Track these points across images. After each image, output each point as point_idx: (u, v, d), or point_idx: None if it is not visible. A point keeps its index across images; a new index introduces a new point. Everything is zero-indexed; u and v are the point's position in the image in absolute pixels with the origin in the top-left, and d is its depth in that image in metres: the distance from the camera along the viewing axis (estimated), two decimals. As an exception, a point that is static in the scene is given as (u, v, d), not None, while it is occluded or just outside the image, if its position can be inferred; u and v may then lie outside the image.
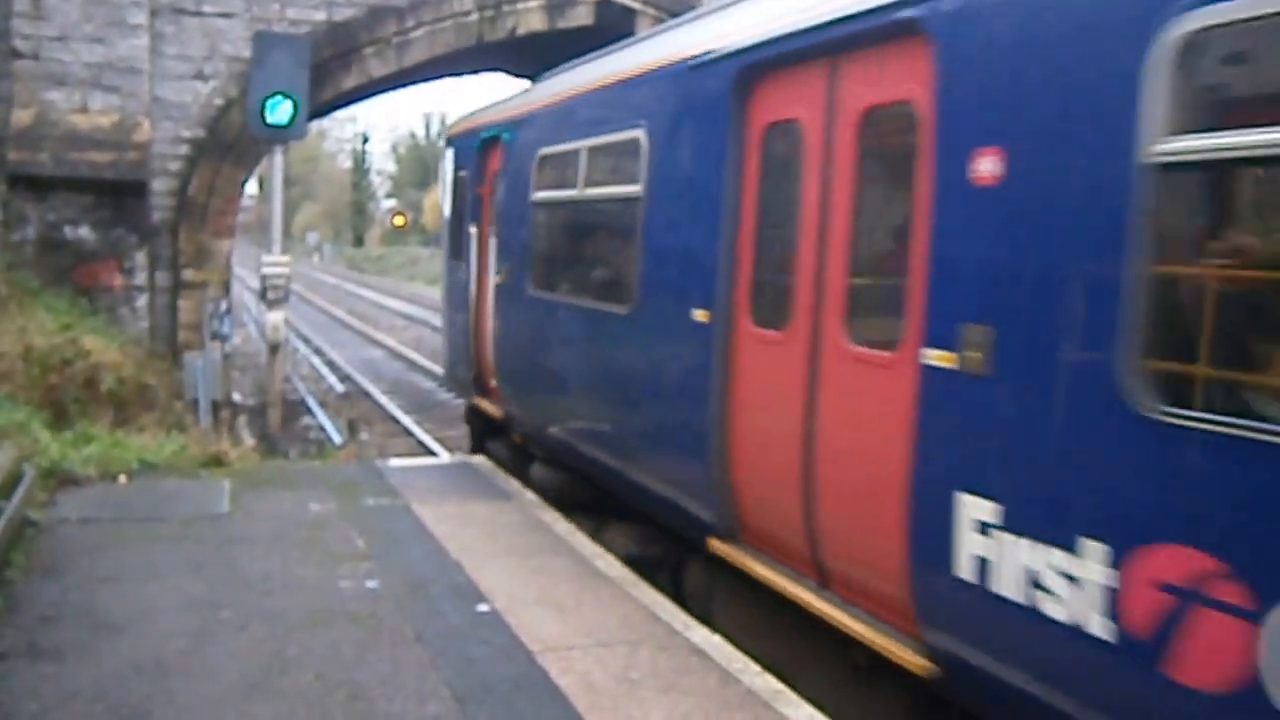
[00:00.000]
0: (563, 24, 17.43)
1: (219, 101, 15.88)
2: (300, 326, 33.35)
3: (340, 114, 37.30)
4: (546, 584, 6.75)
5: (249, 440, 14.41)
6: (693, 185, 6.61)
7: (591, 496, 8.65)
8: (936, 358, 4.44)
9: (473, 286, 11.19)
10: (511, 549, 7.53)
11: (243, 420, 16.18)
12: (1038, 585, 3.96)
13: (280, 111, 12.89)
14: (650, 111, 7.12)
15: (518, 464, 10.35)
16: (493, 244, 10.53)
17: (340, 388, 17.77)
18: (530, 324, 9.44)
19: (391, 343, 30.26)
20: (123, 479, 9.12)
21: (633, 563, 7.50)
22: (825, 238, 5.38)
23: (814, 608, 5.42)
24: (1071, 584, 3.82)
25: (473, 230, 11.28)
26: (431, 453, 15.36)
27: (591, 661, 5.53)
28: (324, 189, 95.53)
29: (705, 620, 6.44)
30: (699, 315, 6.33)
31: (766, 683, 5.40)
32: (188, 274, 15.82)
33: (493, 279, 10.51)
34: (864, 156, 5.23)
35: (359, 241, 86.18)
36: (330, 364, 26.24)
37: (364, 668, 5.35)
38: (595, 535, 8.22)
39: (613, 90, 7.90)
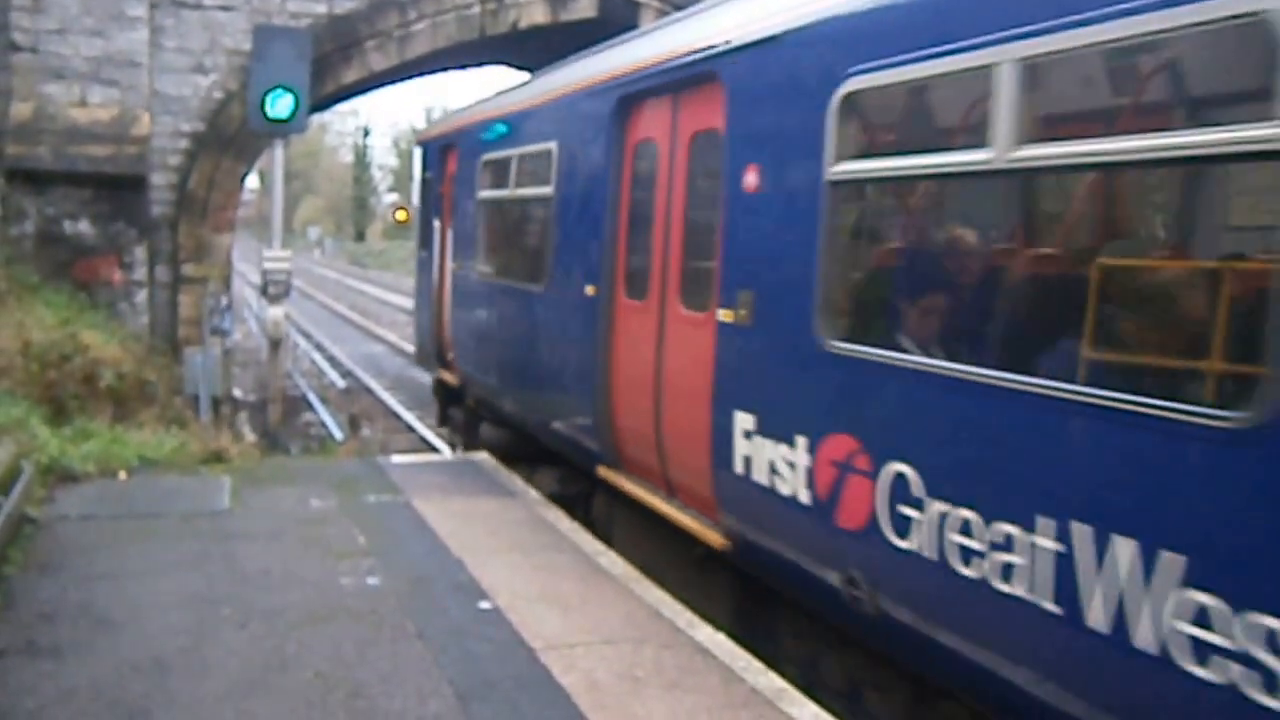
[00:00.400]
0: (565, 16, 17.37)
1: (219, 95, 15.85)
2: (301, 322, 33.40)
3: (342, 107, 37.37)
4: (549, 581, 6.72)
5: (250, 436, 14.41)
6: (586, 189, 8.38)
7: (527, 448, 10.39)
8: (724, 315, 6.19)
9: (435, 273, 13.06)
10: (514, 546, 7.50)
11: (243, 416, 16.19)
12: (774, 472, 5.68)
13: (281, 105, 12.85)
14: (559, 128, 8.91)
15: (471, 426, 12.53)
16: (450, 236, 12.46)
17: (341, 383, 17.75)
18: (477, 303, 11.34)
19: (393, 338, 30.29)
20: (122, 475, 9.10)
21: (555, 499, 9.31)
22: (669, 231, 7.15)
23: (663, 511, 7.18)
24: (791, 469, 5.53)
25: (436, 224, 13.15)
26: (433, 449, 15.35)
27: (595, 659, 5.50)
28: (325, 183, 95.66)
29: (606, 539, 8.13)
30: (589, 290, 8.05)
31: (770, 681, 5.38)
32: (188, 269, 15.79)
33: (450, 266, 12.41)
34: (692, 170, 6.97)
35: (360, 236, 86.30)
36: (331, 359, 26.26)
37: (365, 665, 5.33)
38: (529, 479, 9.94)
39: (536, 109, 9.65)
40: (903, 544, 4.67)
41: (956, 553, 4.35)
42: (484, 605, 6.25)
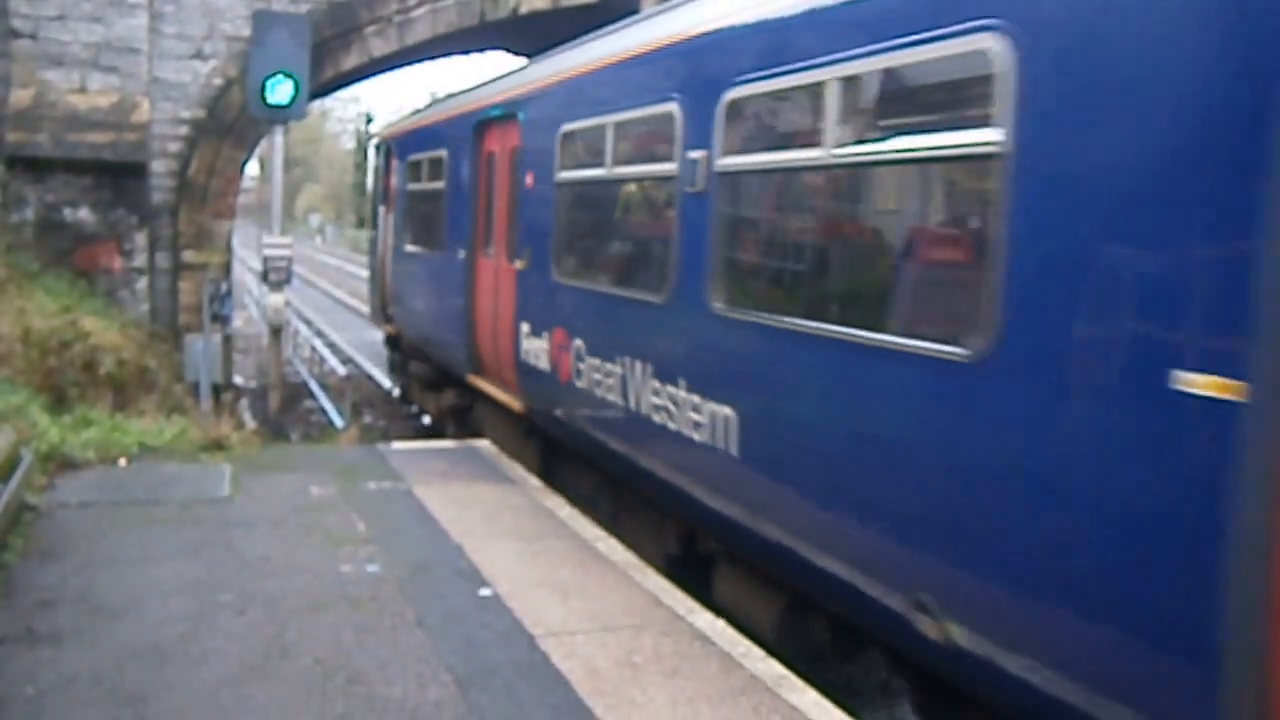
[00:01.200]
0: (566, 2, 17.32)
1: (219, 81, 15.81)
2: (302, 308, 33.37)
3: (343, 94, 37.36)
4: (549, 568, 6.74)
5: (250, 423, 14.41)
6: (462, 184, 11.80)
7: (437, 378, 13.86)
8: (519, 264, 9.63)
9: (380, 248, 16.97)
10: (514, 533, 7.53)
11: (244, 403, 16.19)
12: (537, 356, 9.10)
13: (280, 91, 12.82)
14: (449, 141, 12.31)
15: (404, 365, 16.57)
16: (390, 219, 16.02)
17: (342, 370, 17.78)
18: (404, 269, 14.88)
19: (394, 324, 30.19)
20: (122, 462, 9.12)
21: (448, 411, 13.49)
22: (497, 210, 10.71)
23: (499, 398, 10.58)
24: (543, 352, 8.90)
25: (381, 209, 17.00)
26: (434, 436, 15.34)
27: (594, 646, 5.52)
28: (326, 170, 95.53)
29: (479, 432, 11.98)
30: (462, 253, 11.48)
31: (770, 668, 5.39)
32: (188, 255, 15.79)
33: (390, 242, 15.83)
34: (510, 173, 10.24)
35: (362, 223, 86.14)
36: (331, 345, 26.26)
37: (364, 652, 5.34)
38: (437, 399, 13.99)
39: (437, 124, 13.13)
40: (581, 384, 8.19)
41: (593, 383, 7.96)
42: (484, 592, 6.26)
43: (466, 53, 21.93)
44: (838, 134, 5.22)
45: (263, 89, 12.86)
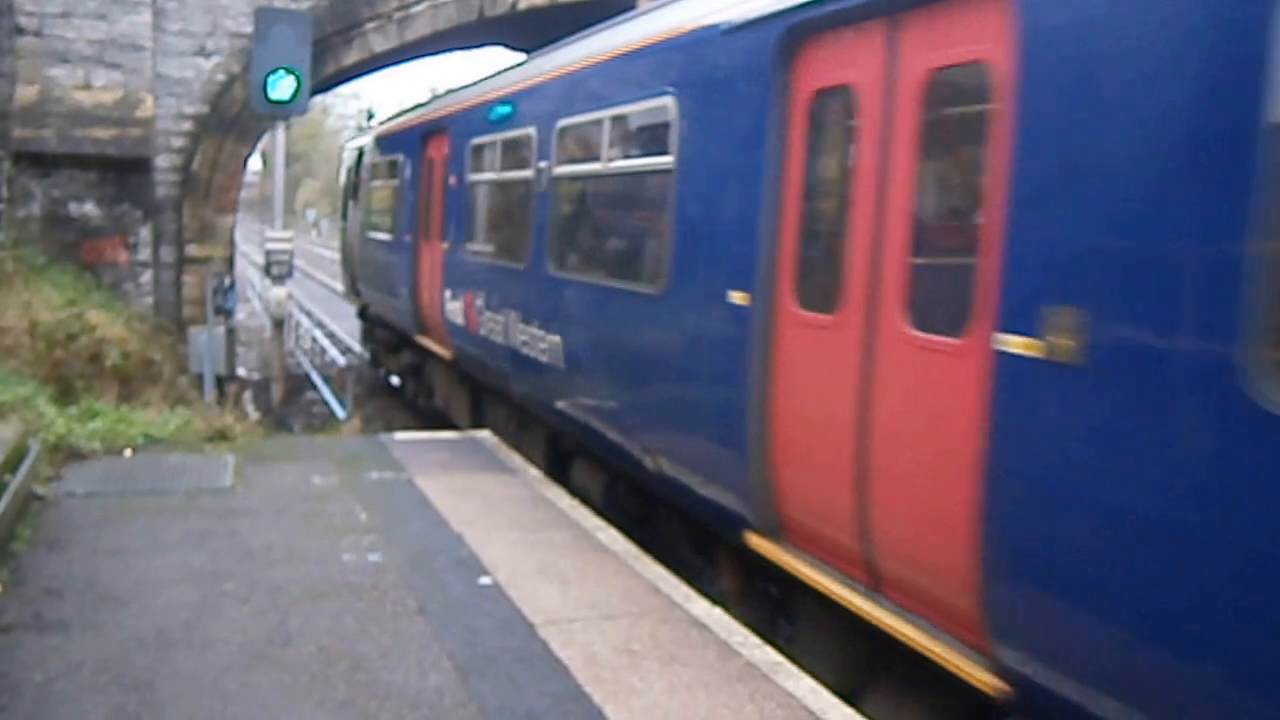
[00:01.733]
0: (565, -2, 17.37)
1: (221, 77, 15.87)
2: (302, 300, 33.36)
3: (343, 90, 37.36)
4: (548, 557, 6.79)
5: (253, 414, 14.47)
6: (410, 183, 14.22)
7: (396, 343, 16.57)
8: (443, 246, 12.13)
9: (350, 235, 19.88)
10: (514, 522, 7.57)
11: (247, 395, 16.24)
12: (456, 316, 11.56)
13: (283, 87, 12.87)
14: (404, 146, 14.72)
15: (372, 332, 19.45)
16: (359, 209, 18.75)
17: (342, 360, 17.88)
18: (368, 252, 17.52)
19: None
20: (128, 453, 9.17)
21: (406, 368, 16.29)
22: (434, 204, 12.85)
23: (436, 350, 13.05)
24: (460, 312, 11.38)
25: (352, 203, 19.79)
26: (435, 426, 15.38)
27: (593, 634, 5.56)
28: (323, 166, 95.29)
29: (430, 390, 14.88)
30: (408, 238, 13.94)
31: (766, 655, 5.44)
32: (192, 249, 15.86)
33: (357, 230, 18.69)
34: (443, 175, 12.52)
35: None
36: (331, 336, 26.25)
37: (366, 639, 5.38)
38: (398, 359, 16.78)
39: (394, 135, 15.63)
40: (482, 332, 10.71)
41: (490, 330, 10.38)
42: (484, 581, 6.31)
43: (466, 48, 21.96)
44: (608, 153, 7.96)
45: (265, 85, 12.91)
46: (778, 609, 6.26)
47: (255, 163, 25.96)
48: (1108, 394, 3.71)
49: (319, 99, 33.10)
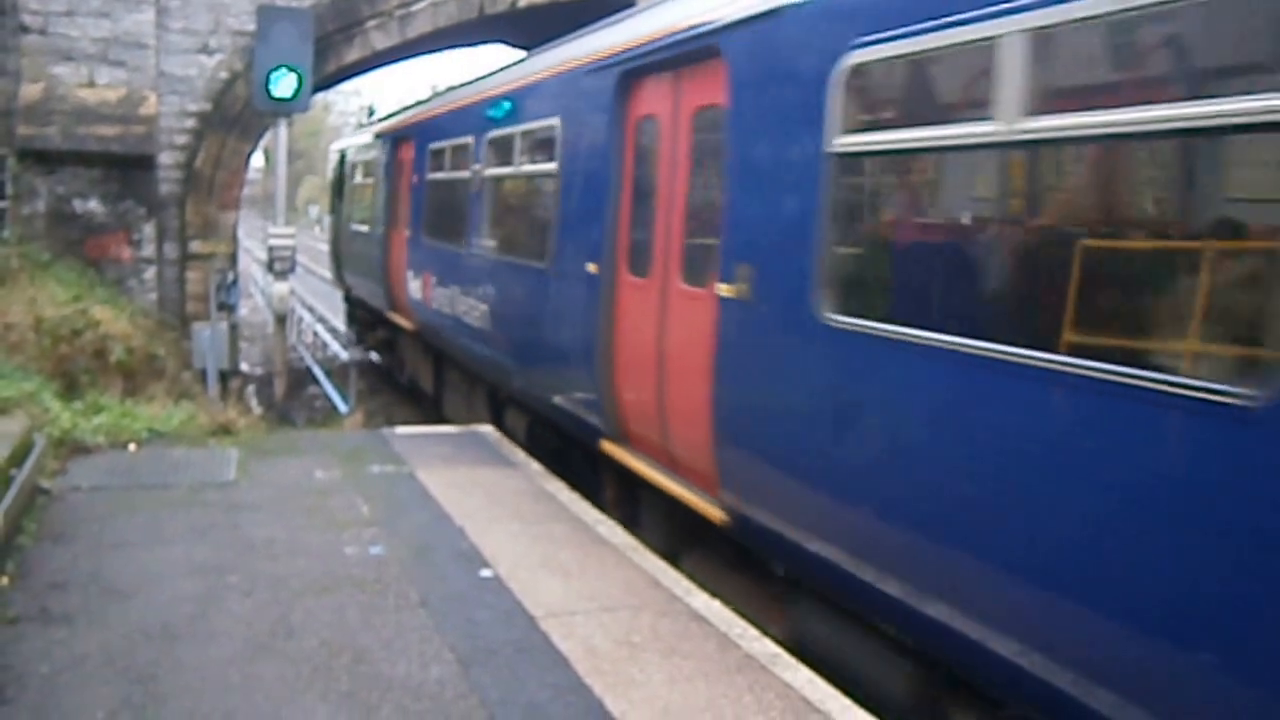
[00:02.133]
0: (563, -5, 17.40)
1: (224, 75, 15.92)
2: (305, 295, 33.40)
3: (345, 87, 37.33)
4: (549, 550, 6.82)
5: (256, 409, 14.51)
6: (385, 180, 16.40)
7: (373, 321, 19.02)
8: (406, 232, 14.54)
9: (336, 227, 22.89)
10: (515, 515, 7.60)
11: (250, 389, 16.29)
12: (417, 293, 13.79)
13: (284, 85, 12.89)
14: (378, 150, 17.06)
15: (354, 313, 21.89)
16: (342, 205, 21.75)
17: (345, 355, 17.95)
18: (352, 242, 19.99)
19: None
20: (132, 447, 9.21)
21: (381, 341, 18.96)
22: (402, 199, 14.97)
23: (402, 324, 15.30)
24: (420, 289, 13.64)
25: (337, 199, 22.74)
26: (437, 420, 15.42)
27: (593, 626, 5.59)
28: (326, 163, 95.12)
29: (402, 364, 17.27)
30: (382, 229, 16.22)
31: (765, 647, 5.47)
32: (195, 246, 15.91)
33: (342, 222, 21.60)
34: (410, 174, 14.56)
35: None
36: (333, 330, 26.29)
37: (368, 632, 5.41)
38: (374, 336, 19.52)
39: (369, 144, 17.90)
40: (435, 305, 12.71)
41: (441, 302, 12.38)
42: (485, 573, 6.34)
43: (466, 46, 22.00)
44: (520, 159, 10.09)
45: (267, 82, 12.94)
46: (638, 508, 8.00)
47: (258, 160, 26.48)
48: (760, 317, 5.78)
49: (321, 96, 33.10)
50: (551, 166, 8.92)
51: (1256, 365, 3.30)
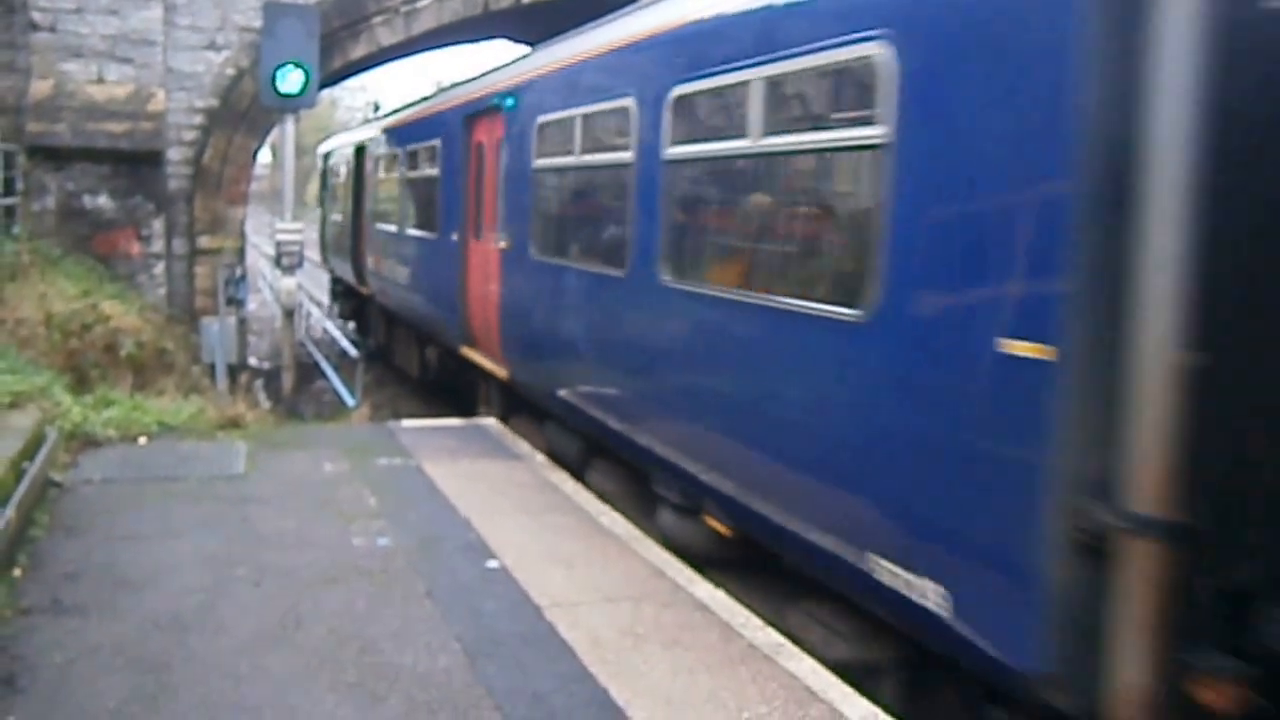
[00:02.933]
0: (567, -10, 17.40)
1: (231, 71, 15.96)
2: (312, 289, 33.44)
3: (351, 83, 37.16)
4: (554, 541, 6.86)
5: (264, 403, 14.57)
6: (355, 180, 20.11)
7: (349, 292, 22.39)
8: (370, 226, 18.18)
9: (324, 220, 25.92)
10: (520, 507, 7.64)
11: (258, 383, 16.35)
12: (373, 266, 18.49)
13: (291, 80, 12.90)
14: (348, 157, 20.09)
15: (334, 289, 25.63)
16: (330, 199, 24.69)
17: (352, 351, 17.98)
18: (334, 231, 23.37)
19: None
20: (142, 441, 9.27)
21: (352, 311, 23.03)
22: (368, 194, 18.57)
23: (365, 293, 19.79)
24: (373, 264, 18.40)
25: (324, 194, 26.11)
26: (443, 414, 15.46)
27: (598, 616, 5.63)
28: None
29: (373, 331, 20.65)
30: (351, 219, 20.37)
31: (768, 637, 5.50)
32: (203, 241, 15.98)
33: (327, 215, 25.18)
34: (373, 172, 18.32)
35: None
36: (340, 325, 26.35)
37: (376, 622, 5.45)
38: (350, 307, 23.19)
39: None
40: (387, 273, 16.85)
41: (390, 272, 16.46)
42: (491, 564, 6.38)
43: (471, 41, 22.02)
44: (419, 164, 14.10)
45: (274, 78, 12.95)
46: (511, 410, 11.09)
47: (265, 155, 27.20)
48: (513, 260, 10.04)
49: (327, 92, 33.05)
50: (434, 171, 13.49)
51: (860, 296, 4.92)
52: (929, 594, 4.45)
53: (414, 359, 16.23)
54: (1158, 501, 3.66)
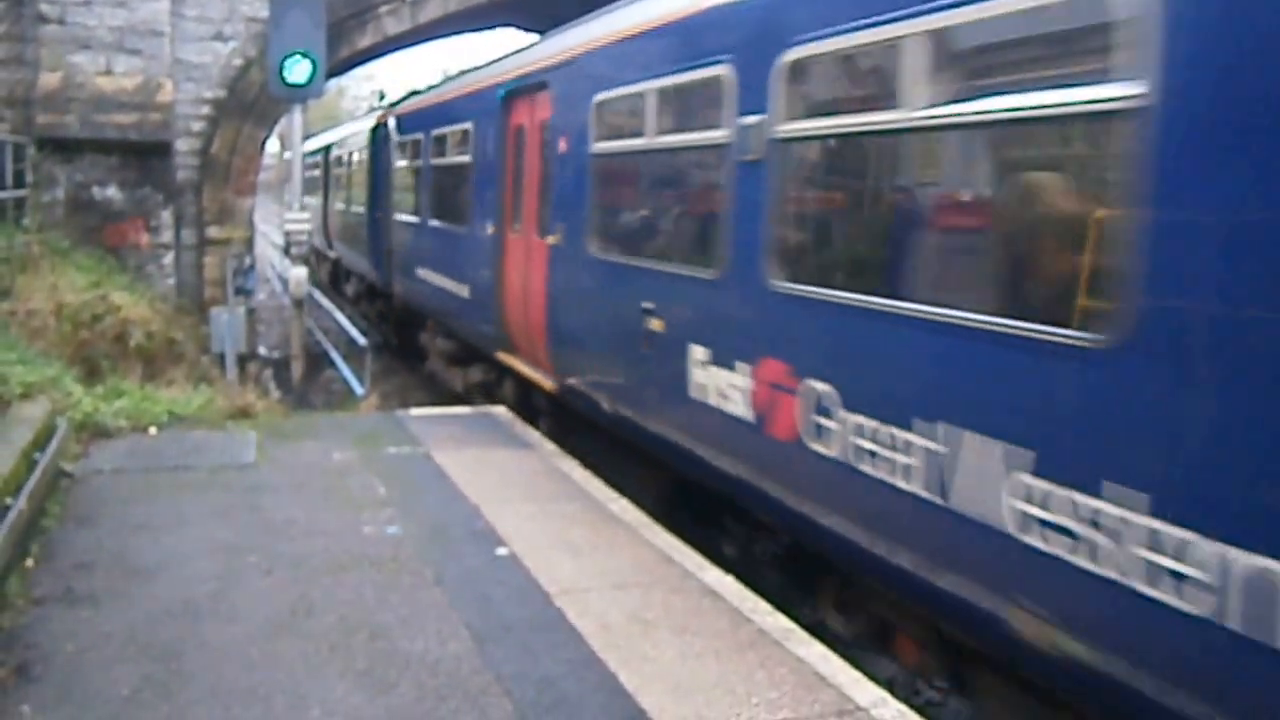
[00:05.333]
0: (574, -20, 17.35)
1: (238, 62, 15.98)
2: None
3: (358, 72, 37.14)
4: (563, 528, 6.88)
5: (274, 392, 14.60)
6: (345, 172, 24.00)
7: (346, 274, 25.78)
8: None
9: (322, 207, 27.53)
10: (529, 495, 7.66)
11: (268, 373, 16.38)
12: (341, 250, 25.32)
13: (298, 71, 12.89)
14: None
15: (321, 264, 29.36)
16: (325, 191, 27.50)
17: (362, 340, 18.01)
18: (333, 219, 26.00)
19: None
20: (153, 431, 9.28)
21: (329, 275, 29.20)
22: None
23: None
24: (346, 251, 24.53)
25: (328, 186, 27.34)
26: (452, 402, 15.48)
27: (607, 603, 5.64)
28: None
29: (353, 308, 23.95)
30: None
31: (777, 622, 5.51)
32: (212, 231, 16.03)
33: (325, 203, 27.38)
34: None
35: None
36: (350, 316, 26.38)
37: (386, 609, 5.47)
38: (352, 293, 25.10)
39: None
40: (409, 267, 16.47)
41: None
42: (500, 552, 6.40)
43: (478, 30, 21.97)
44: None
45: (281, 68, 12.94)
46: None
47: (273, 145, 28.00)
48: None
49: (335, 82, 33.08)
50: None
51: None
52: None
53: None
54: None
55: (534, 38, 12.60)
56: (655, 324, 7.24)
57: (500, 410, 10.96)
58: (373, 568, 6.09)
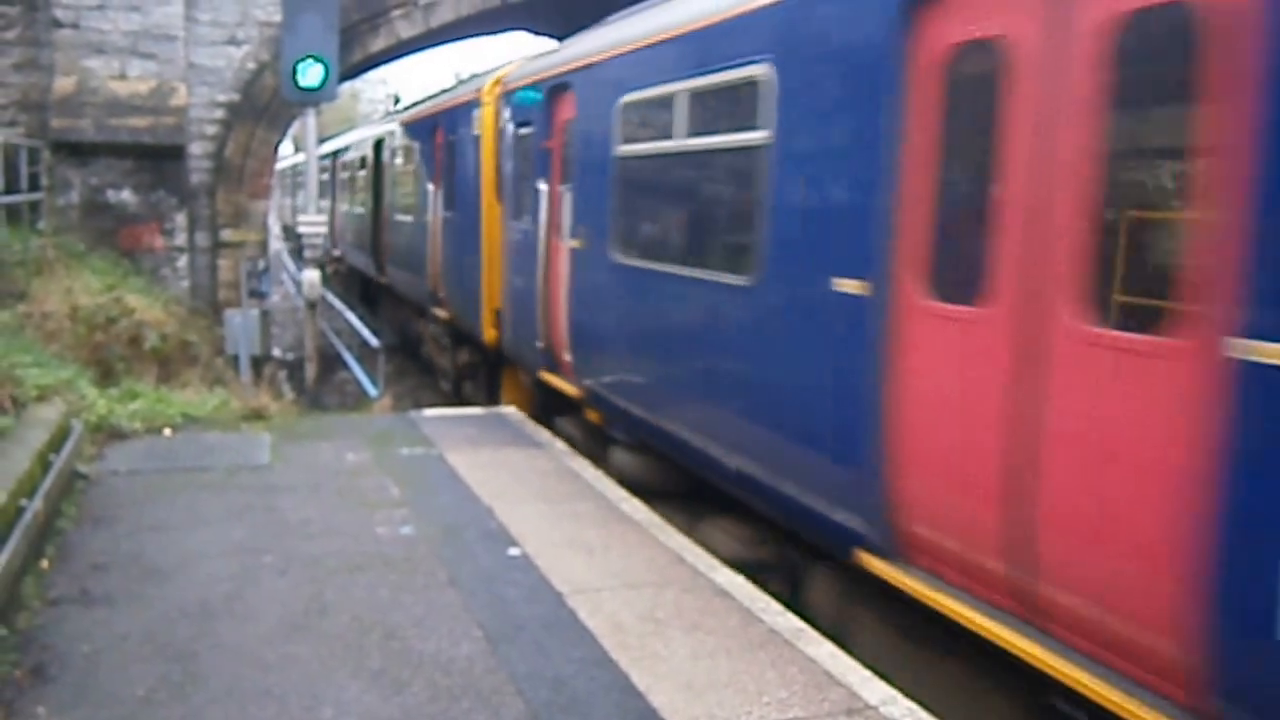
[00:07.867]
0: (587, -18, 17.37)
1: (252, 66, 16.03)
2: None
3: (371, 75, 37.28)
4: (575, 528, 6.90)
5: (288, 394, 14.65)
6: (348, 178, 27.85)
7: (350, 269, 29.21)
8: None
9: (329, 210, 28.05)
10: (541, 495, 7.68)
11: (282, 375, 16.44)
12: (345, 246, 28.82)
13: (311, 74, 12.93)
14: (339, 158, 26.52)
15: (338, 267, 30.73)
16: (332, 194, 29.90)
17: (374, 341, 18.06)
18: (338, 220, 28.47)
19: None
20: (168, 432, 9.34)
21: (335, 273, 30.31)
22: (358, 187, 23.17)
23: (359, 265, 25.83)
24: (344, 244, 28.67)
25: (333, 188, 29.78)
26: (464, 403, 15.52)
27: (619, 602, 5.66)
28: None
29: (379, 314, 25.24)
30: (354, 208, 25.46)
31: (788, 621, 5.52)
32: (226, 234, 16.08)
33: (331, 205, 28.95)
34: (343, 170, 25.62)
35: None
36: (362, 317, 26.46)
37: (399, 609, 5.50)
38: (367, 314, 24.67)
39: (337, 149, 26.33)
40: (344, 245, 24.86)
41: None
42: (513, 552, 6.42)
43: (490, 33, 22.00)
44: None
45: (294, 72, 12.99)
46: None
47: (287, 149, 28.56)
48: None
49: (348, 85, 33.19)
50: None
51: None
52: None
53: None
54: None
55: (548, 42, 12.56)
56: None
57: (511, 410, 11.00)
58: (387, 568, 6.12)
